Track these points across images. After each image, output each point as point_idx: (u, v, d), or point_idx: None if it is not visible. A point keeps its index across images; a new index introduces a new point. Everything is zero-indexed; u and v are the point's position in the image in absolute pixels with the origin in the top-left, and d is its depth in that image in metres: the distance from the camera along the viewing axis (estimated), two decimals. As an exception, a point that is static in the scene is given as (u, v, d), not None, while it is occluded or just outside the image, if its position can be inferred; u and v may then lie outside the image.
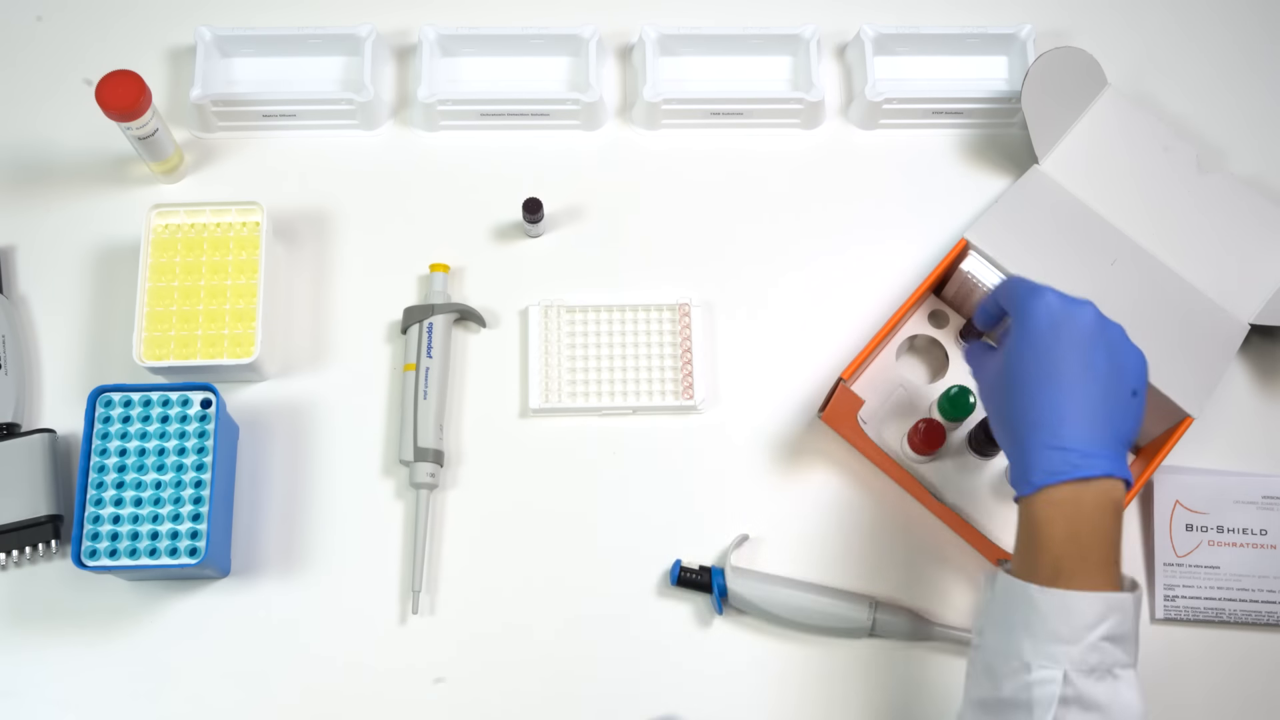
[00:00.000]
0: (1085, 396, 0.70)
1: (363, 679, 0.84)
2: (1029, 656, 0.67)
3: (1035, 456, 0.70)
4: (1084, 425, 0.69)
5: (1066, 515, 0.69)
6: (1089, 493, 0.68)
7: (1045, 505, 0.69)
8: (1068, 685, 0.66)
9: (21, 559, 0.85)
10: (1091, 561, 0.68)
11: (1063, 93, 0.95)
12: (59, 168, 0.96)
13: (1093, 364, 0.71)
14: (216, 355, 0.88)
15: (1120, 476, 0.69)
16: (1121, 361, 0.72)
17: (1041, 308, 0.72)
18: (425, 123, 0.98)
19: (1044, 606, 0.67)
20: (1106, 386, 0.71)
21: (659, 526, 0.88)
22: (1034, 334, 0.72)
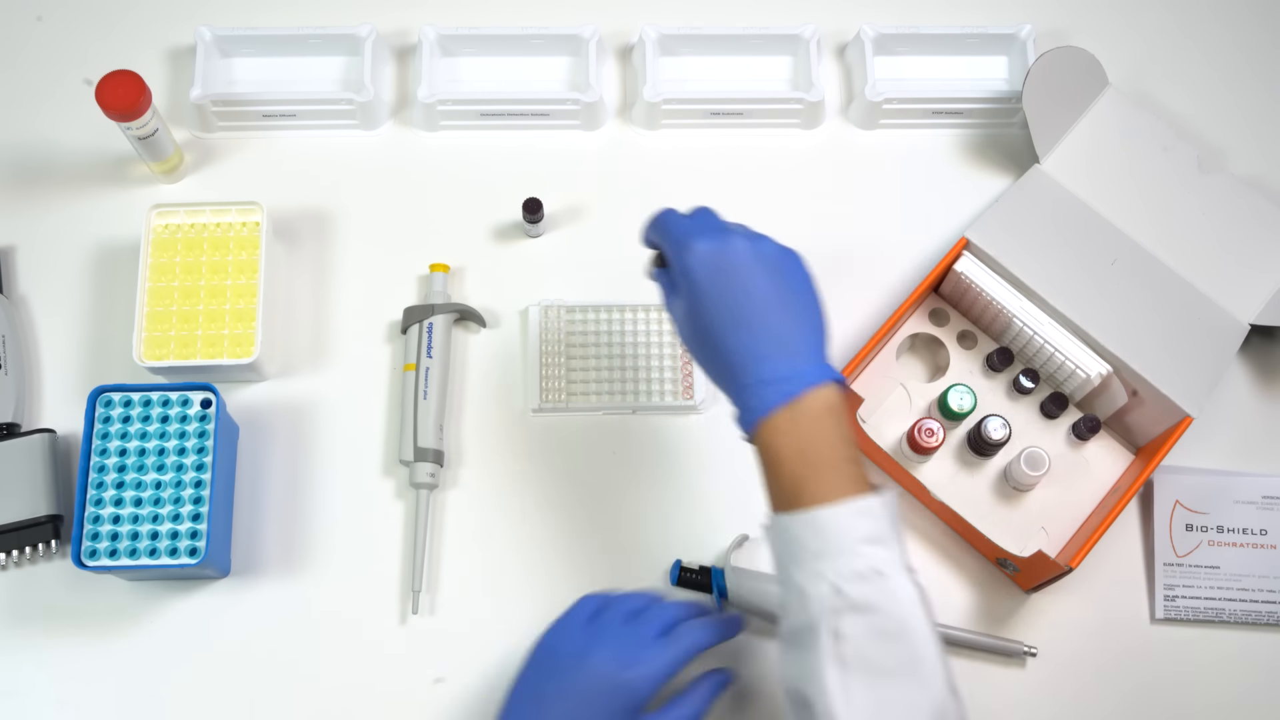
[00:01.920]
0: (765, 326, 0.72)
1: (363, 679, 0.84)
2: (801, 582, 0.68)
3: (742, 398, 0.72)
4: (774, 353, 0.71)
5: (788, 438, 0.70)
6: (802, 410, 0.70)
7: (768, 435, 0.70)
8: (839, 596, 0.66)
9: (21, 559, 0.85)
10: (825, 473, 0.69)
11: (1064, 92, 0.95)
12: (59, 168, 0.97)
13: (757, 291, 0.72)
14: (216, 355, 0.88)
15: (824, 381, 0.70)
16: (785, 276, 0.73)
17: (695, 260, 0.73)
18: (425, 123, 0.98)
19: (797, 531, 0.68)
20: (776, 305, 0.72)
21: (659, 526, 0.88)
22: (697, 286, 0.73)
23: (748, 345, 0.72)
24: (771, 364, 0.71)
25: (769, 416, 0.70)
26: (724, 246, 0.74)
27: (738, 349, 0.72)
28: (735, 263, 0.73)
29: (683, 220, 0.77)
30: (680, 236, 0.75)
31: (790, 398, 0.70)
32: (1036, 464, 0.86)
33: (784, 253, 0.75)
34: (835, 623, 0.66)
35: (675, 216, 0.77)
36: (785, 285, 0.73)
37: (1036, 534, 0.88)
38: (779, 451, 0.70)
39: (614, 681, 0.74)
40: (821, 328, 0.74)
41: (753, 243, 0.74)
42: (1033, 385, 0.90)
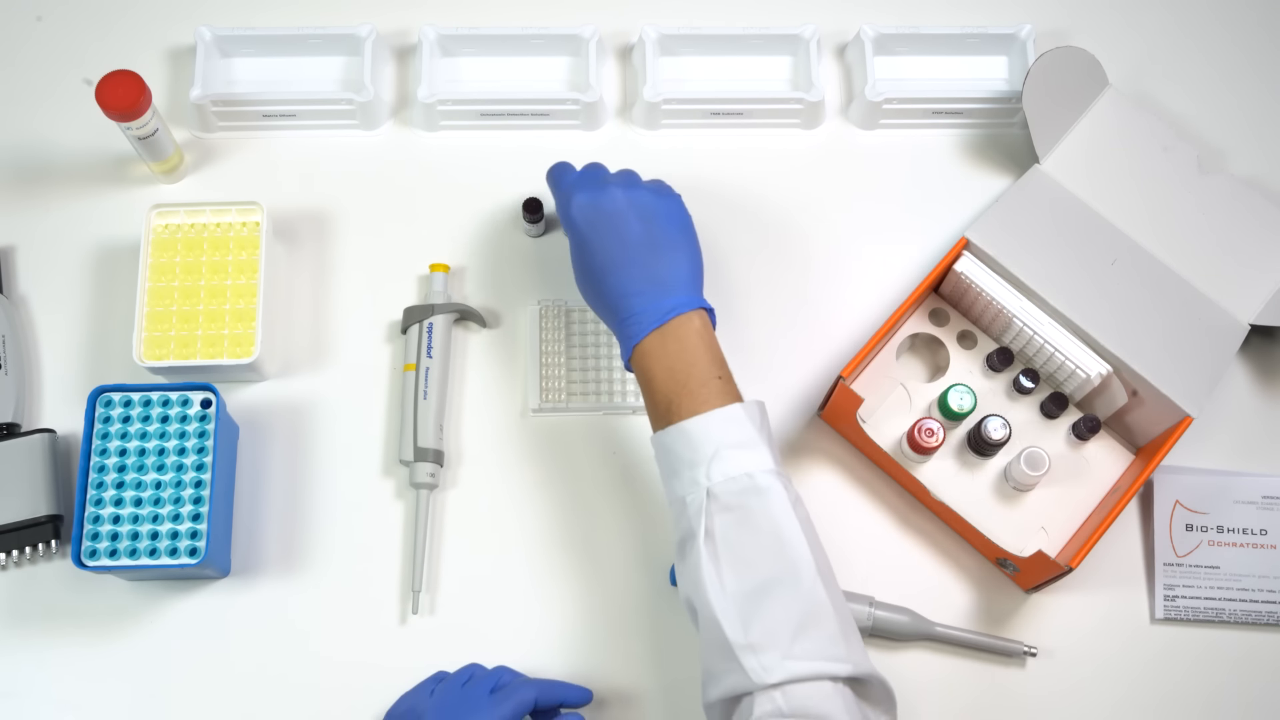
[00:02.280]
0: (634, 264, 0.79)
1: (363, 679, 0.84)
2: (680, 491, 0.74)
3: (621, 332, 0.79)
4: (642, 287, 0.79)
5: (658, 360, 0.77)
6: (669, 334, 0.77)
7: (640, 359, 0.78)
8: (712, 500, 0.71)
9: (21, 559, 0.85)
10: (693, 388, 0.75)
11: (1064, 92, 0.95)
12: (59, 168, 0.96)
13: (628, 233, 0.80)
14: (216, 355, 0.87)
15: (689, 309, 0.78)
16: (654, 216, 0.81)
17: (575, 210, 0.82)
18: (425, 123, 0.98)
19: (671, 444, 0.75)
20: (647, 246, 0.80)
21: (659, 526, 0.88)
22: (579, 235, 0.82)
23: (624, 284, 0.79)
24: (644, 299, 0.78)
25: (640, 342, 0.77)
26: (600, 196, 0.82)
27: (615, 288, 0.80)
28: (610, 210, 0.81)
29: (571, 174, 0.85)
30: (565, 189, 0.84)
31: (658, 324, 0.77)
32: (1037, 464, 0.85)
33: (658, 199, 0.83)
34: (707, 522, 0.71)
35: (565, 170, 0.86)
36: (657, 228, 0.81)
37: (1036, 534, 0.88)
38: (651, 373, 0.77)
39: None
40: (691, 264, 0.81)
41: (628, 191, 0.82)
42: (1033, 385, 0.90)
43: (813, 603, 0.70)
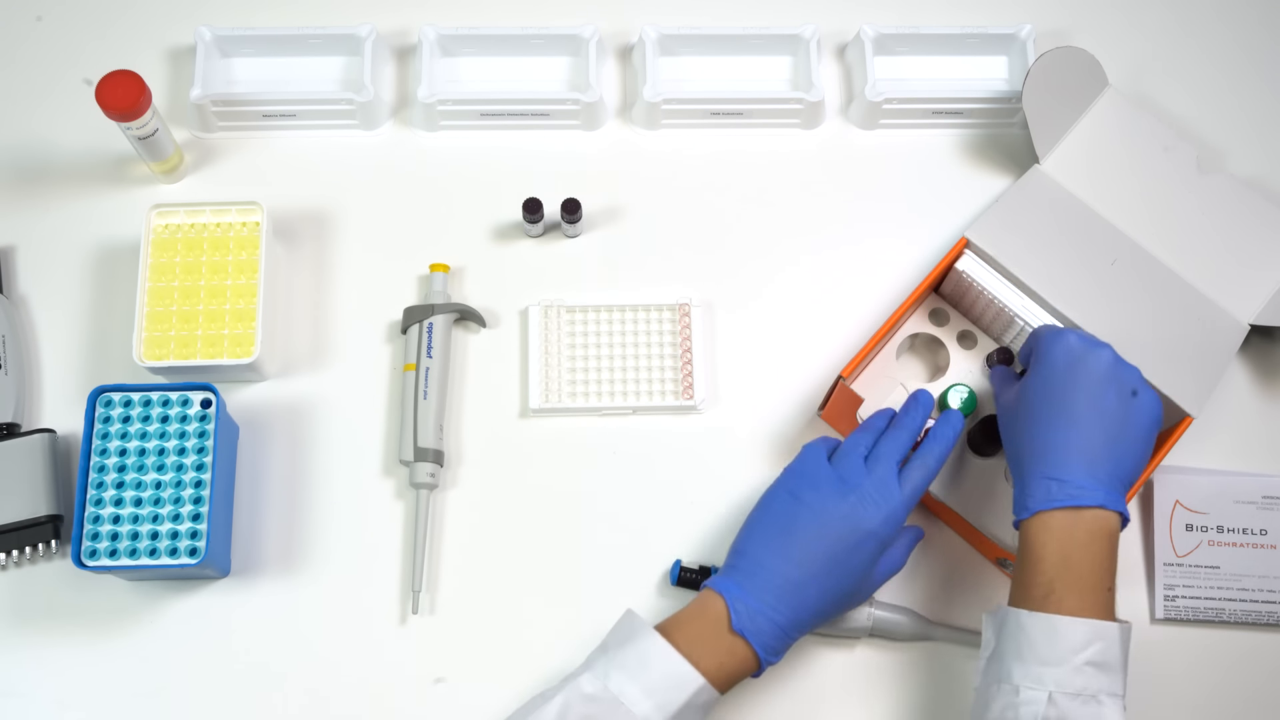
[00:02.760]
0: (1089, 433, 0.74)
1: (363, 679, 0.84)
2: (1017, 679, 0.70)
3: (1034, 485, 0.74)
4: (1084, 459, 0.73)
5: (1059, 540, 0.72)
6: (1082, 521, 0.72)
7: (1040, 529, 0.73)
8: (1051, 706, 0.68)
9: (21, 559, 0.85)
10: (1082, 587, 0.71)
11: (1064, 92, 0.95)
12: (58, 168, 0.96)
13: (1102, 403, 0.75)
14: (216, 355, 0.88)
15: (1115, 509, 0.73)
16: (1133, 403, 0.76)
17: (1060, 347, 0.77)
18: (425, 123, 0.98)
19: (1032, 630, 0.70)
20: (1113, 426, 0.75)
21: (659, 526, 0.88)
22: (1049, 370, 0.76)
23: (1066, 443, 0.74)
24: (1077, 469, 0.73)
25: (1049, 511, 0.72)
26: (1093, 348, 0.77)
27: (1053, 441, 0.74)
28: (1094, 366, 0.76)
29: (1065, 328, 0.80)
30: (1060, 330, 0.79)
31: (1077, 504, 0.72)
32: (1036, 464, 0.85)
33: (1149, 391, 0.77)
34: None
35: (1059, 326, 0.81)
36: (1128, 412, 0.75)
37: (1036, 534, 0.88)
38: (1043, 548, 0.73)
39: (868, 531, 0.75)
40: (1136, 471, 0.76)
41: (1121, 362, 0.77)
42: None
43: None
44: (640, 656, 0.73)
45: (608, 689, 0.72)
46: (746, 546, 0.77)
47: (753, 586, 0.75)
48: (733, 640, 0.74)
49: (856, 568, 0.76)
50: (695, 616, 0.75)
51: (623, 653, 0.74)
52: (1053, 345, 0.77)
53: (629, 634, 0.75)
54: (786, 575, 0.75)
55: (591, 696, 0.72)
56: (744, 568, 0.76)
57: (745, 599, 0.74)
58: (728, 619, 0.74)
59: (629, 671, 0.73)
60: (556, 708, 0.72)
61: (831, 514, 0.76)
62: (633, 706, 0.71)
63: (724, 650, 0.74)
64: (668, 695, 0.72)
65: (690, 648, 0.74)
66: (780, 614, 0.74)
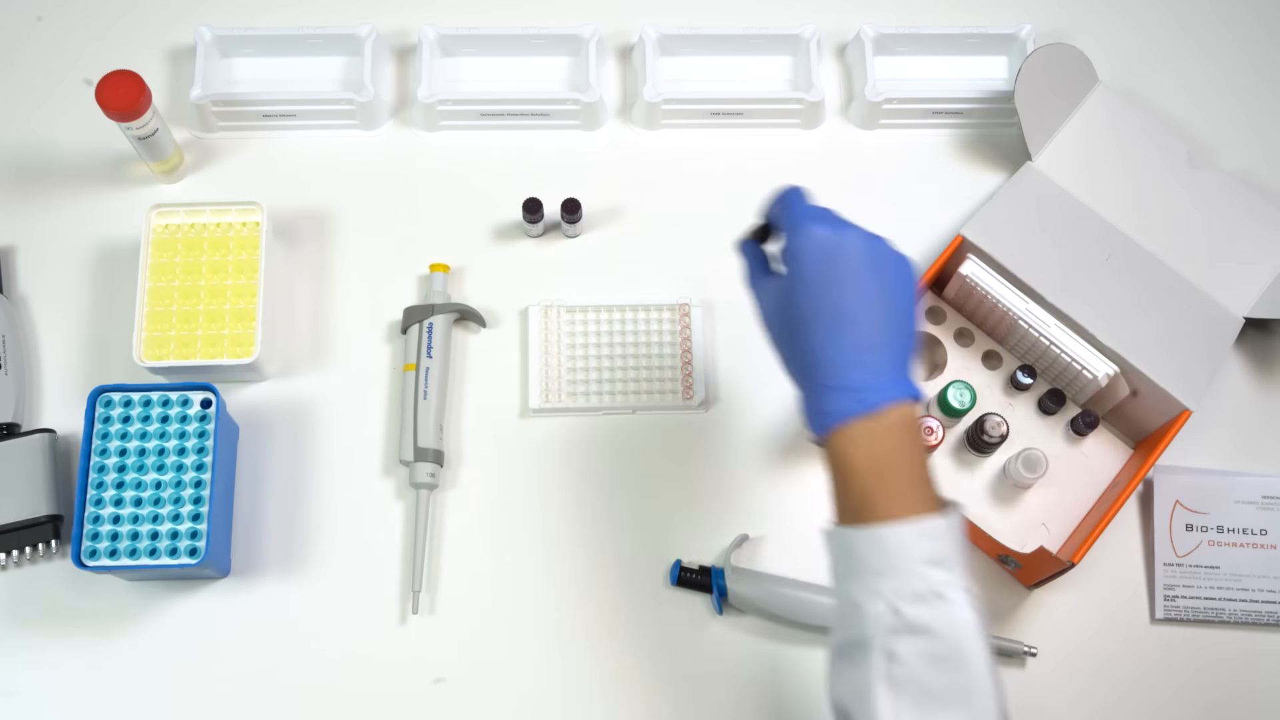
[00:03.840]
0: (862, 330, 0.69)
1: (363, 679, 0.84)
2: (858, 597, 0.66)
3: (822, 399, 0.69)
4: (866, 359, 0.69)
5: (863, 451, 0.68)
6: (881, 424, 0.68)
7: (843, 444, 0.68)
8: (896, 616, 0.65)
9: (21, 559, 0.85)
10: (898, 488, 0.67)
11: (1055, 89, 0.95)
12: (59, 168, 0.96)
13: (866, 295, 0.70)
14: (216, 355, 0.88)
15: (908, 397, 0.69)
16: (892, 283, 0.71)
17: (810, 244, 0.71)
18: (425, 123, 0.98)
19: (858, 545, 0.67)
20: (882, 313, 0.70)
21: (659, 526, 0.88)
22: (806, 273, 0.71)
23: (839, 346, 0.69)
24: (859, 372, 0.69)
25: (846, 425, 0.68)
26: (841, 238, 0.71)
27: (828, 347, 0.69)
28: (848, 258, 0.70)
29: (807, 204, 0.74)
30: (800, 216, 0.73)
31: (871, 409, 0.68)
32: (1034, 466, 0.86)
33: (898, 258, 0.72)
34: (890, 643, 0.64)
35: (801, 197, 0.75)
36: (891, 292, 0.71)
37: (1037, 530, 0.88)
38: (851, 462, 0.68)
39: None
40: (913, 341, 0.71)
41: (869, 242, 0.72)
42: (1030, 381, 0.90)
43: None
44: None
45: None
46: None
47: None
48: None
49: None
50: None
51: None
52: (803, 243, 0.71)
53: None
54: None
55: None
56: None
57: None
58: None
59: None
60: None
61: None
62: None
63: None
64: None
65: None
66: None
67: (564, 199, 0.93)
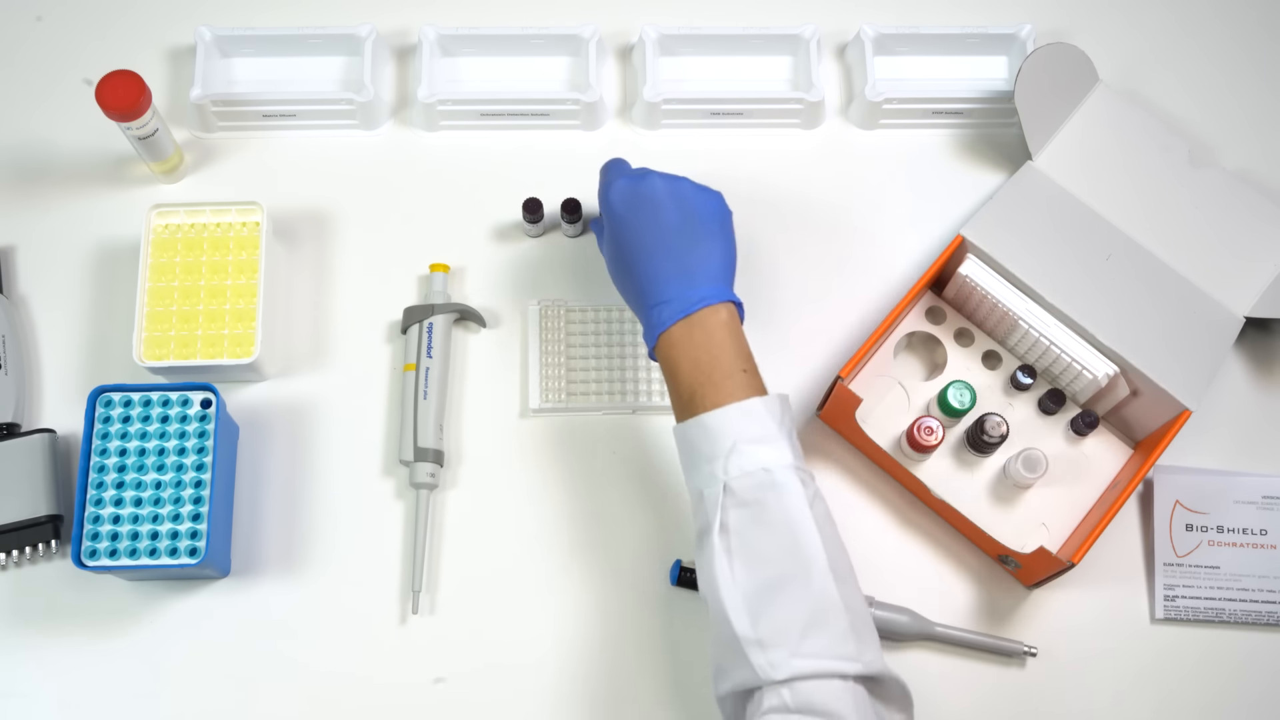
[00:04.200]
0: (671, 252, 0.79)
1: (362, 679, 0.84)
2: (698, 484, 0.74)
3: (648, 317, 0.79)
4: (674, 275, 0.78)
5: (683, 350, 0.77)
6: (695, 324, 0.77)
7: (666, 348, 0.78)
8: (729, 495, 0.71)
9: (21, 559, 0.85)
10: (717, 380, 0.75)
11: (1055, 89, 0.95)
12: (59, 168, 0.97)
13: (664, 221, 0.80)
14: (216, 355, 0.88)
15: (721, 300, 0.78)
16: (696, 210, 0.81)
17: (615, 193, 0.82)
18: (425, 123, 0.98)
19: (691, 436, 0.75)
20: (682, 235, 0.80)
21: (659, 526, 0.88)
22: (615, 218, 0.82)
23: (654, 270, 0.79)
24: (673, 286, 0.78)
25: (666, 330, 0.77)
26: (640, 183, 0.82)
27: (645, 273, 0.79)
28: (649, 197, 0.81)
29: (619, 166, 0.86)
30: (609, 178, 0.84)
31: (686, 314, 0.77)
32: (1033, 466, 0.86)
33: (700, 191, 0.82)
34: (722, 517, 0.71)
35: (616, 163, 0.87)
36: (694, 218, 0.81)
37: (1037, 530, 0.88)
38: (675, 363, 0.77)
39: None
40: (725, 258, 0.81)
41: (669, 182, 0.82)
42: (1030, 381, 0.90)
43: (823, 600, 0.69)
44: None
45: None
46: None
47: None
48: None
49: None
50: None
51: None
52: (611, 193, 0.82)
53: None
54: None
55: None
56: None
57: None
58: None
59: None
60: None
61: None
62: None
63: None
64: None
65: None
66: None
67: (564, 199, 0.93)
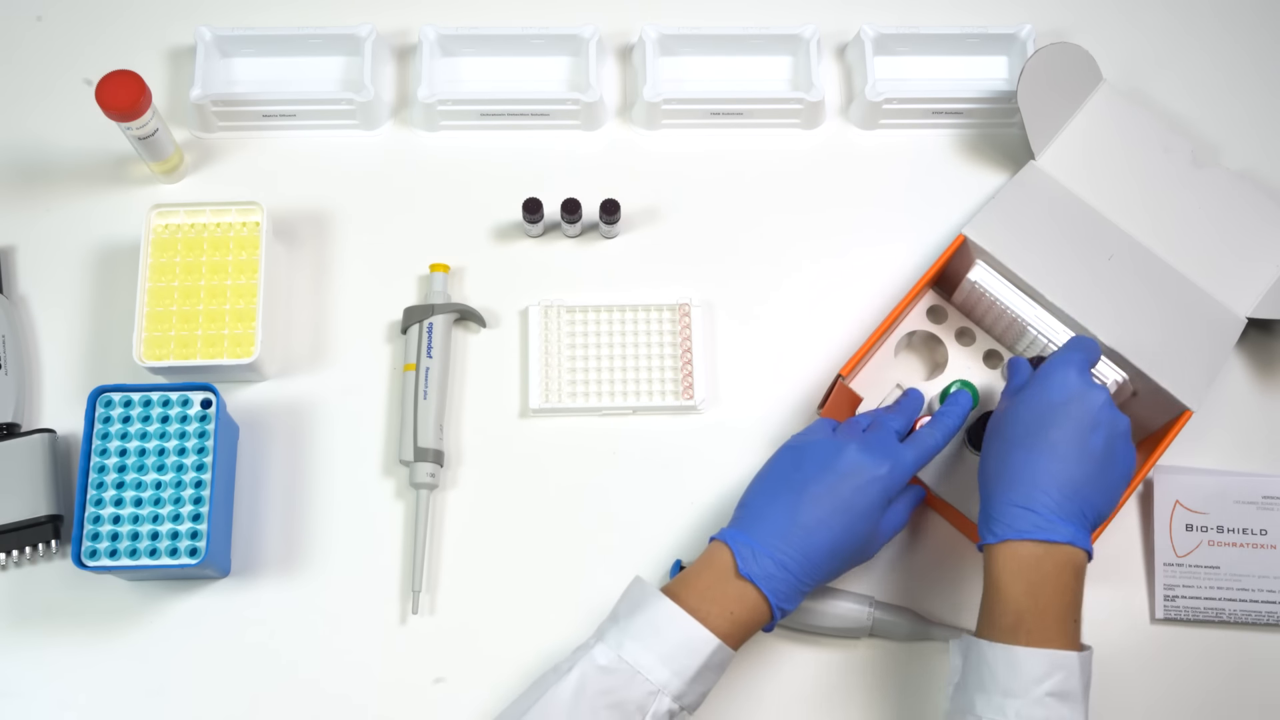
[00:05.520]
0: (1069, 468, 0.74)
1: (362, 679, 0.84)
2: (979, 710, 0.71)
3: (1004, 510, 0.74)
4: (1059, 494, 0.73)
5: (1027, 572, 0.72)
6: (1051, 555, 0.72)
7: (1009, 558, 0.73)
8: None
9: (21, 559, 0.85)
10: (1047, 620, 0.72)
11: (1058, 88, 0.95)
12: (59, 168, 0.96)
13: (1089, 443, 0.75)
14: (216, 355, 0.88)
15: (1083, 548, 0.73)
16: (1117, 451, 0.76)
17: (1058, 378, 0.77)
18: (425, 123, 0.98)
19: (994, 661, 0.71)
20: (1093, 467, 0.74)
21: (659, 526, 0.88)
22: (1043, 397, 0.76)
23: (1042, 472, 0.74)
24: (1048, 503, 0.73)
25: (1020, 542, 0.72)
26: (1091, 388, 0.77)
27: (1031, 469, 0.74)
28: (1090, 405, 0.75)
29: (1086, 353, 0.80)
30: (1070, 351, 0.80)
31: (1046, 538, 0.72)
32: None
33: (1127, 444, 0.77)
34: None
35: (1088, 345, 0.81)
36: (1110, 461, 0.75)
37: (1037, 533, 0.88)
38: (1012, 578, 0.73)
39: (872, 476, 0.77)
40: (1105, 514, 0.76)
41: (1112, 411, 0.76)
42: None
43: None
44: (651, 623, 0.73)
45: (623, 659, 0.72)
46: (750, 499, 0.78)
47: (758, 531, 0.75)
48: (741, 587, 0.74)
49: (862, 512, 0.76)
50: (703, 570, 0.75)
51: (634, 621, 0.74)
52: (1051, 374, 0.77)
53: (639, 601, 0.75)
54: (792, 519, 0.75)
55: (606, 668, 0.72)
56: (748, 516, 0.77)
57: (750, 543, 0.75)
58: (734, 565, 0.74)
59: (642, 641, 0.72)
60: (573, 683, 0.72)
61: (836, 460, 0.77)
62: (649, 675, 0.71)
63: (733, 599, 0.74)
64: (683, 661, 0.72)
65: (699, 603, 0.73)
66: (787, 555, 0.74)
67: (564, 199, 0.93)
